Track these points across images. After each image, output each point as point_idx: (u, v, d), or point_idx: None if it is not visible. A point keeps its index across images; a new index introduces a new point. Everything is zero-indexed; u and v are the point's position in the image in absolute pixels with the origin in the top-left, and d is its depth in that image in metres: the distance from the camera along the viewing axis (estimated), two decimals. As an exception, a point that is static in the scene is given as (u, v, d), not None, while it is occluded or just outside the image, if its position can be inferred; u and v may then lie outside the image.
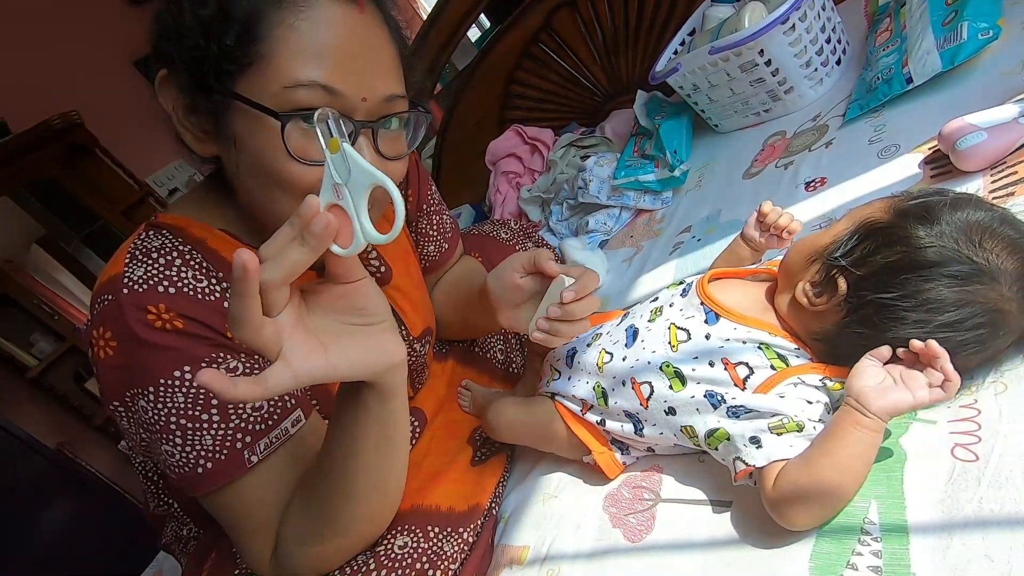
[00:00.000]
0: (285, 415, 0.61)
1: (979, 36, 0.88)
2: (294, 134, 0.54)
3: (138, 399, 0.57)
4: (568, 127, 1.69)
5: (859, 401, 0.52)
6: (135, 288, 0.57)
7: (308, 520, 0.60)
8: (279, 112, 0.53)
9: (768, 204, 0.74)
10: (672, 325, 0.68)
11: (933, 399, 0.50)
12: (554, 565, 0.69)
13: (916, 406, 0.51)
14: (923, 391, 0.51)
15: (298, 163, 0.55)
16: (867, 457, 0.52)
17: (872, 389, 0.52)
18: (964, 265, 0.51)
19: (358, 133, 0.56)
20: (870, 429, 0.51)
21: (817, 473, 0.52)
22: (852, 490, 0.53)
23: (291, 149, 0.54)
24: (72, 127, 2.25)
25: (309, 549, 0.60)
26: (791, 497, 0.53)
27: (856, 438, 0.52)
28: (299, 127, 0.54)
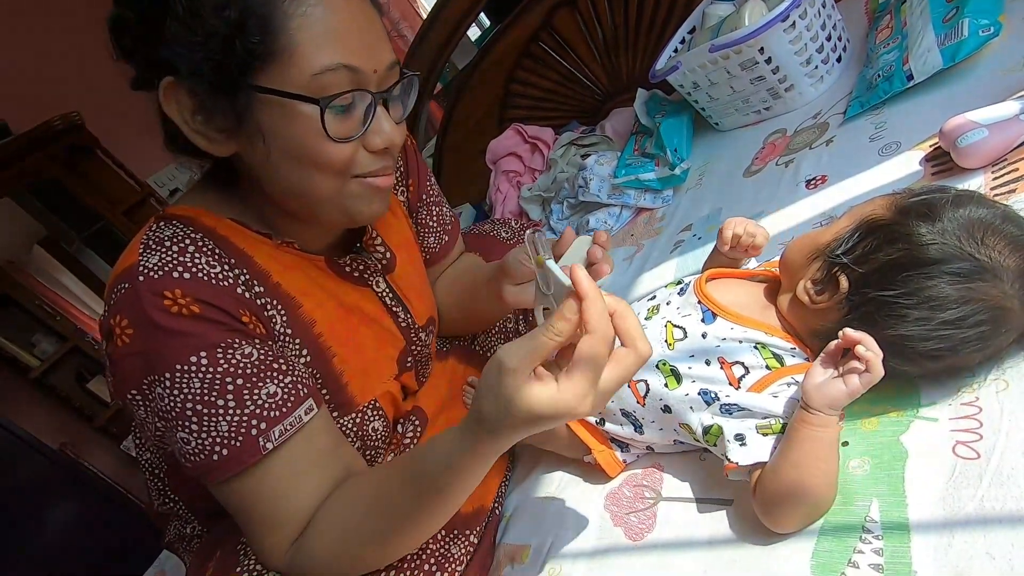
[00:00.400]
0: (298, 403, 0.61)
1: (980, 33, 0.88)
2: (328, 117, 0.57)
3: (155, 386, 0.57)
4: (568, 126, 1.69)
5: (804, 399, 0.53)
6: (151, 275, 0.57)
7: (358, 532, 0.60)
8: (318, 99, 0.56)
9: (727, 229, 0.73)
10: (669, 323, 0.68)
11: (864, 383, 0.51)
12: (555, 564, 0.69)
13: (852, 394, 0.52)
14: (853, 378, 0.52)
15: (335, 143, 0.58)
16: (822, 453, 0.53)
17: (815, 386, 0.53)
18: (966, 262, 0.51)
19: (376, 104, 0.60)
20: (817, 425, 0.52)
21: (782, 475, 0.53)
22: (820, 487, 0.53)
23: (331, 132, 0.57)
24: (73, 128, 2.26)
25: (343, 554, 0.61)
26: (769, 500, 0.55)
27: (805, 435, 0.53)
28: (332, 110, 0.57)
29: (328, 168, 0.60)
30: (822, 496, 0.54)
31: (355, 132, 0.59)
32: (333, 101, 0.56)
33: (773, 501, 0.54)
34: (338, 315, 0.72)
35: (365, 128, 0.60)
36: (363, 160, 0.62)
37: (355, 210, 0.65)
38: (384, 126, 0.61)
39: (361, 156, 0.61)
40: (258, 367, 0.59)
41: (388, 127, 0.61)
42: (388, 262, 0.78)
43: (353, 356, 0.72)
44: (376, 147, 0.61)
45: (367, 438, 0.74)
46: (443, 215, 0.93)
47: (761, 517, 0.56)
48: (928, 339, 0.52)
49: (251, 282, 0.64)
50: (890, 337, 0.54)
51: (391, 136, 0.61)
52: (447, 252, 0.95)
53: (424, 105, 1.78)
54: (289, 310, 0.67)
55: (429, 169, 0.93)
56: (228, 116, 0.57)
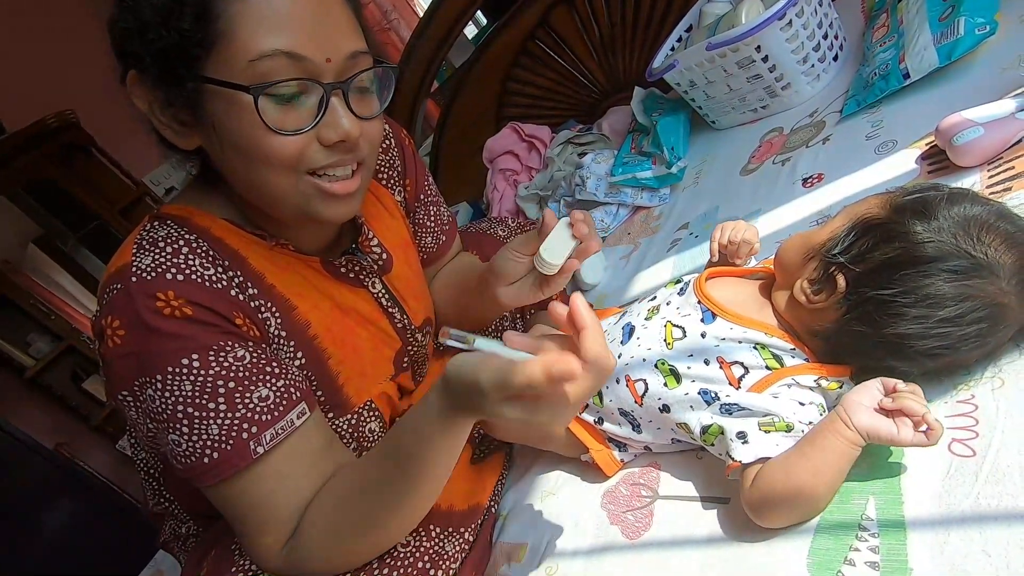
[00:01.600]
0: (291, 407, 0.61)
1: (976, 31, 0.88)
2: (268, 107, 0.55)
3: (146, 388, 0.57)
4: (565, 124, 1.69)
5: (847, 411, 0.52)
6: (144, 276, 0.57)
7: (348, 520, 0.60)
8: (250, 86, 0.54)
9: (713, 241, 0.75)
10: (668, 323, 0.68)
11: (914, 441, 0.50)
12: (552, 562, 0.69)
13: (895, 440, 0.50)
14: (907, 429, 0.50)
15: (277, 135, 0.55)
16: (839, 467, 0.53)
17: (863, 406, 0.52)
18: (963, 260, 0.51)
19: (329, 96, 0.56)
20: (848, 441, 0.52)
21: (793, 473, 0.53)
22: (822, 495, 0.53)
23: (268, 122, 0.55)
24: (68, 126, 2.25)
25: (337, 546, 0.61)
26: (766, 496, 0.54)
27: (833, 445, 0.52)
28: (272, 100, 0.55)
29: (274, 162, 0.57)
30: (820, 503, 0.54)
31: (304, 124, 0.56)
32: (270, 89, 0.54)
33: (771, 497, 0.54)
34: (333, 316, 0.71)
35: (316, 120, 0.57)
36: (315, 155, 0.58)
37: (311, 210, 0.62)
38: (340, 119, 0.57)
39: (313, 150, 0.58)
40: (250, 370, 0.59)
41: (345, 120, 0.58)
42: (384, 263, 0.77)
43: (349, 358, 0.72)
44: (329, 140, 0.58)
45: (363, 439, 0.74)
46: (440, 215, 0.93)
47: (749, 510, 0.56)
48: (927, 337, 0.52)
49: (245, 284, 0.64)
50: (889, 336, 0.54)
51: (347, 129, 0.58)
52: (444, 252, 0.95)
53: (421, 103, 1.78)
54: (283, 312, 0.66)
55: (427, 169, 0.93)
56: (184, 108, 0.57)
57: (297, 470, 0.61)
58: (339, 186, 0.61)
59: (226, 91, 0.54)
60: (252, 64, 0.53)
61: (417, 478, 0.58)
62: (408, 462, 0.57)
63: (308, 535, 0.60)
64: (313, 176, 0.59)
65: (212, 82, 0.54)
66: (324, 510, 0.61)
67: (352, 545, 0.62)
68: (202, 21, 0.53)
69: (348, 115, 0.58)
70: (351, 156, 0.61)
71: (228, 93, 0.54)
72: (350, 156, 0.61)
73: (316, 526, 0.60)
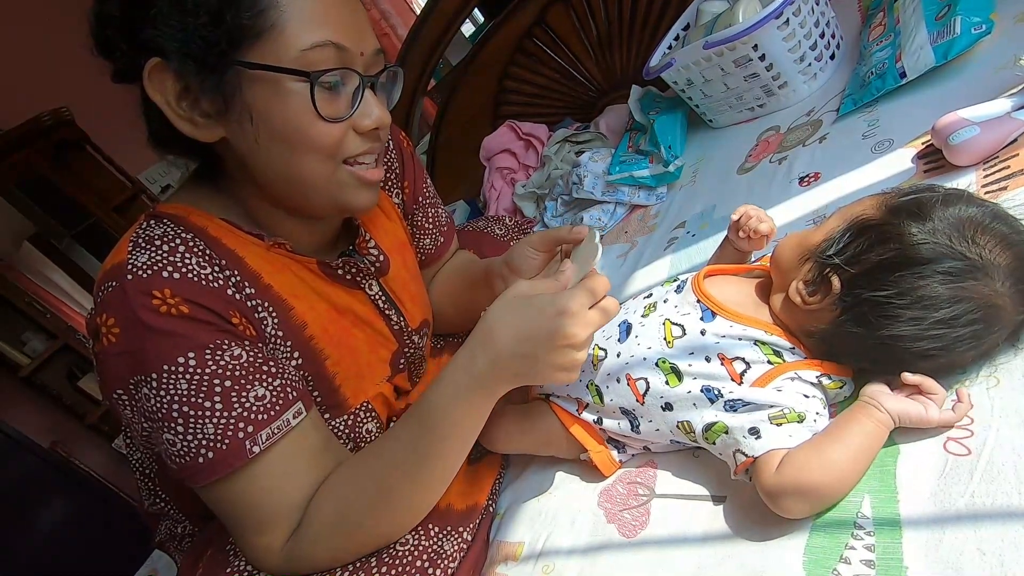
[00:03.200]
0: (287, 406, 0.60)
1: (972, 31, 0.88)
2: (318, 95, 0.57)
3: (141, 386, 0.57)
4: (562, 123, 1.68)
5: (875, 399, 0.54)
6: (139, 274, 0.57)
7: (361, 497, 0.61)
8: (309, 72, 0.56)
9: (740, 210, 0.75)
10: (667, 321, 0.68)
11: (943, 418, 0.52)
12: (549, 561, 0.69)
13: (924, 418, 0.52)
14: (934, 408, 0.52)
15: (325, 122, 0.58)
16: (872, 450, 0.53)
17: (885, 393, 0.54)
18: (958, 261, 0.51)
19: (364, 86, 0.60)
20: (881, 424, 0.53)
21: (829, 460, 0.52)
22: (853, 482, 0.53)
23: (320, 110, 0.58)
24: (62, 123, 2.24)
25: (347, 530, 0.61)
26: (798, 484, 0.52)
27: (868, 428, 0.53)
28: (320, 89, 0.57)
29: (318, 149, 0.60)
30: (847, 489, 0.53)
31: (344, 113, 0.60)
32: (322, 77, 0.57)
33: (800, 484, 0.52)
34: (330, 317, 0.71)
35: (354, 109, 0.60)
36: (352, 143, 0.62)
37: (344, 199, 0.65)
38: (373, 108, 0.61)
39: (350, 139, 0.62)
40: (247, 369, 0.58)
41: (376, 108, 0.62)
42: (382, 265, 0.77)
43: (346, 358, 0.72)
44: (365, 128, 0.62)
45: (360, 440, 0.74)
46: (439, 216, 0.93)
47: (771, 500, 0.54)
48: (921, 339, 0.52)
49: (242, 283, 0.63)
50: (884, 337, 0.54)
51: (381, 117, 0.62)
52: (442, 253, 0.95)
53: (418, 102, 1.78)
54: (280, 312, 0.66)
55: (425, 171, 0.93)
56: (215, 98, 0.57)
57: (295, 468, 0.61)
58: (372, 173, 0.65)
59: (273, 78, 0.56)
60: (304, 53, 0.56)
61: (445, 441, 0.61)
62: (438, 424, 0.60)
63: (315, 526, 0.60)
64: (348, 165, 0.63)
65: (265, 68, 0.56)
66: (333, 496, 0.61)
67: (360, 529, 0.62)
68: (255, 9, 0.54)
69: (379, 104, 0.62)
70: (379, 145, 0.65)
71: (275, 80, 0.56)
72: (379, 144, 0.65)
73: (324, 514, 0.60)
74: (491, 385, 0.59)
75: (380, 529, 0.64)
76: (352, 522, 0.61)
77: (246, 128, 0.58)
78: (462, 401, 0.60)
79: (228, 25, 0.54)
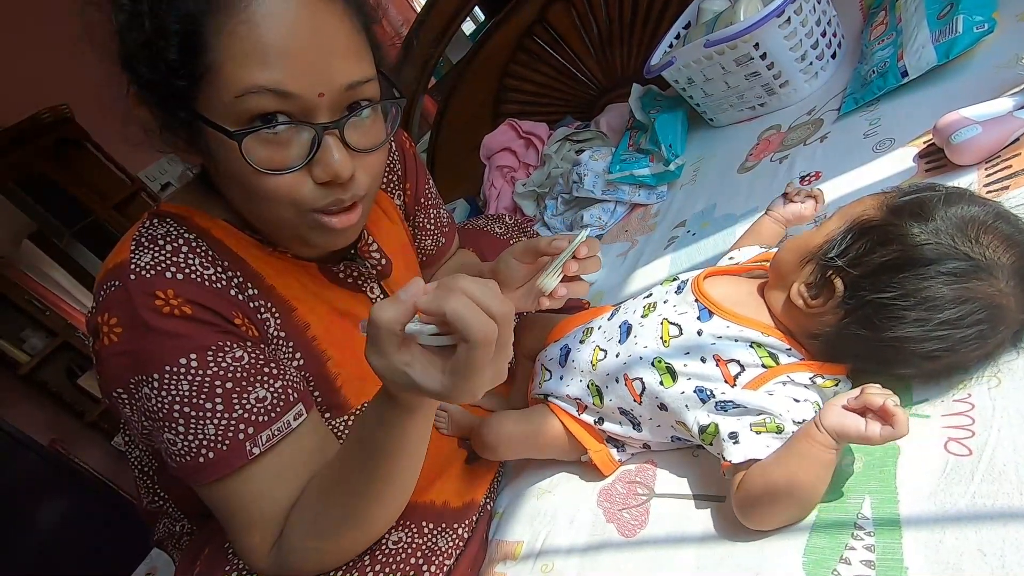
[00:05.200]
0: (288, 408, 0.60)
1: (974, 29, 0.87)
2: (256, 147, 0.52)
3: (142, 386, 0.56)
4: (563, 121, 1.68)
5: (820, 416, 0.52)
6: (143, 274, 0.56)
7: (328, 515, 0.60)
8: (234, 129, 0.51)
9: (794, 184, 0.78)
10: (665, 320, 0.68)
11: (882, 434, 0.48)
12: (548, 560, 0.69)
13: (863, 435, 0.49)
14: (875, 425, 0.49)
15: (268, 175, 0.53)
16: (814, 471, 0.52)
17: (834, 407, 0.51)
18: (961, 261, 0.51)
19: (321, 137, 0.53)
20: (820, 444, 0.51)
21: (770, 478, 0.53)
22: (802, 500, 0.53)
23: (254, 163, 0.52)
24: (62, 121, 2.24)
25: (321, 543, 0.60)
26: (749, 498, 0.54)
27: (805, 449, 0.52)
28: (260, 139, 0.52)
29: (270, 198, 0.55)
30: (803, 510, 0.54)
31: (295, 163, 0.54)
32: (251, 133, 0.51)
33: (754, 500, 0.54)
34: (331, 319, 0.71)
35: (309, 159, 0.54)
36: (310, 193, 0.56)
37: (312, 241, 0.61)
38: (331, 158, 0.54)
39: (308, 189, 0.55)
40: (248, 371, 0.58)
41: (337, 157, 0.54)
42: (383, 268, 0.77)
43: (348, 360, 0.71)
44: (320, 179, 0.55)
45: None
46: (440, 217, 0.92)
47: (738, 512, 0.56)
48: (926, 340, 0.52)
49: (245, 284, 0.63)
50: (888, 339, 0.54)
51: (336, 169, 0.54)
52: (444, 254, 0.94)
53: (418, 100, 1.77)
54: (283, 313, 0.66)
55: (427, 171, 0.93)
56: (182, 131, 0.56)
57: (290, 471, 0.61)
58: (338, 220, 0.59)
59: None
60: (237, 100, 0.50)
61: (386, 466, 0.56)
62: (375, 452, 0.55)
63: (293, 534, 0.60)
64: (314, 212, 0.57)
65: (200, 119, 0.52)
66: (305, 508, 0.60)
67: (337, 540, 0.61)
68: (188, 52, 0.50)
69: (342, 153, 0.55)
70: (348, 195, 0.58)
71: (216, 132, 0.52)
72: (348, 194, 0.58)
73: (300, 524, 0.60)
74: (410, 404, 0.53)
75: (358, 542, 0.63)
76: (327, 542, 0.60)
77: (211, 166, 0.58)
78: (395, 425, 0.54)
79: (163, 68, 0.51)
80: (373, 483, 0.57)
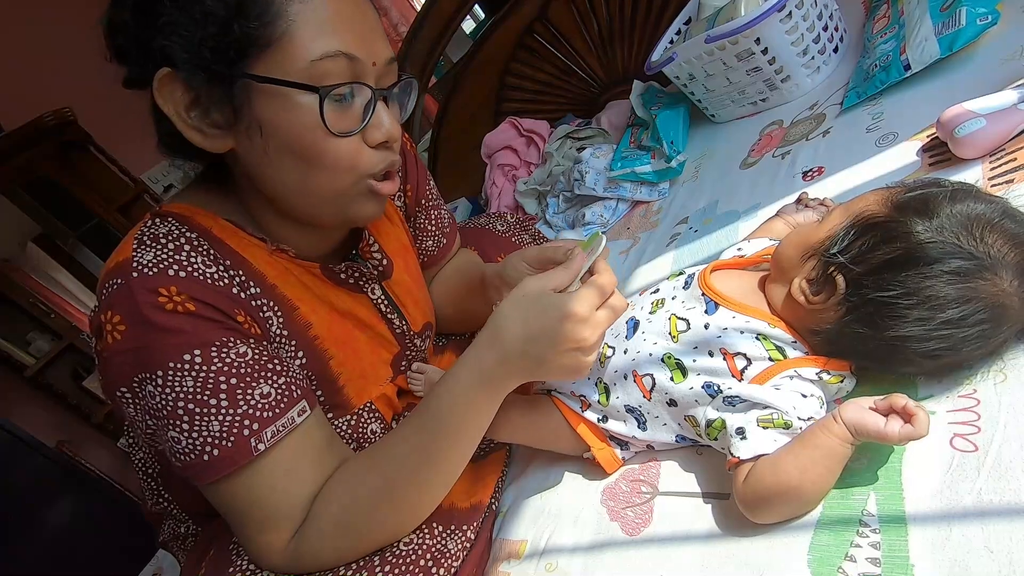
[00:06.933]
0: (292, 404, 0.60)
1: (978, 21, 0.87)
2: (328, 109, 0.56)
3: (146, 384, 0.56)
4: (564, 119, 1.68)
5: (839, 408, 0.52)
6: (145, 271, 0.56)
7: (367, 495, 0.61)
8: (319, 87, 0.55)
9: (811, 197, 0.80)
10: (673, 316, 0.67)
11: (902, 433, 0.48)
12: (552, 559, 0.69)
13: (881, 432, 0.49)
14: (895, 422, 0.49)
15: (335, 137, 0.57)
16: (827, 465, 0.52)
17: (854, 404, 0.51)
18: (965, 260, 0.50)
19: (376, 99, 0.59)
20: (837, 438, 0.51)
21: (781, 470, 0.53)
22: (811, 493, 0.53)
23: (330, 125, 0.56)
24: (65, 124, 2.24)
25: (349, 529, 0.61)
26: (756, 492, 0.54)
27: (822, 441, 0.52)
28: (330, 102, 0.56)
29: (329, 164, 0.58)
30: (809, 502, 0.54)
31: (355, 126, 0.58)
32: (333, 91, 0.55)
33: (762, 494, 0.54)
34: (333, 319, 0.71)
35: (365, 122, 0.59)
36: (366, 157, 0.60)
37: (353, 211, 0.64)
38: (384, 120, 0.60)
39: (364, 153, 0.60)
40: (252, 367, 0.58)
41: (388, 120, 0.60)
42: (385, 269, 0.77)
43: (350, 359, 0.72)
44: (375, 141, 0.60)
45: (364, 440, 0.74)
46: (441, 218, 0.92)
47: (741, 506, 0.56)
48: (928, 339, 0.52)
49: (247, 283, 0.63)
50: (890, 338, 0.53)
51: (391, 131, 0.60)
52: (445, 255, 0.94)
53: (419, 99, 1.77)
54: (286, 312, 0.66)
55: (428, 172, 0.93)
56: (225, 109, 0.56)
57: (300, 466, 0.61)
58: (386, 186, 0.64)
59: (282, 91, 0.55)
60: (313, 64, 0.54)
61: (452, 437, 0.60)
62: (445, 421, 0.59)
63: (319, 524, 0.60)
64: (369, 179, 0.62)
65: (273, 82, 0.54)
66: (339, 496, 0.61)
67: (368, 528, 0.62)
68: (266, 19, 0.53)
69: (390, 116, 0.60)
70: (395, 158, 0.63)
71: (285, 94, 0.55)
72: (395, 158, 0.63)
73: (329, 514, 0.60)
74: (498, 382, 0.59)
75: (386, 528, 0.64)
76: (358, 522, 0.61)
77: (255, 140, 0.58)
78: (470, 398, 0.60)
79: (236, 35, 0.53)
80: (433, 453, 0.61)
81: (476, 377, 0.59)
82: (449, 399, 0.60)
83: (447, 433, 0.60)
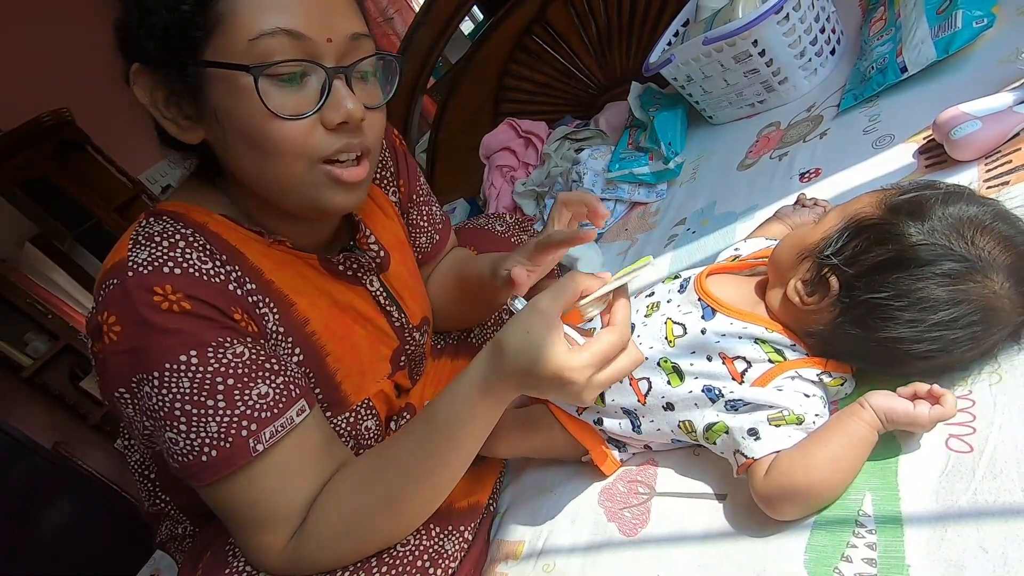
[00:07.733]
0: (290, 404, 0.60)
1: (974, 24, 0.87)
2: (271, 90, 0.54)
3: (143, 384, 0.56)
4: (562, 120, 1.68)
5: (866, 397, 0.53)
6: (140, 270, 0.56)
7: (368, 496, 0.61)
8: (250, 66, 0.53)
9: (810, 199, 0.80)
10: (669, 320, 0.67)
11: (932, 415, 0.49)
12: (549, 559, 0.69)
13: (911, 416, 0.50)
14: (924, 406, 0.50)
15: (282, 120, 0.55)
16: (858, 451, 0.53)
17: (881, 392, 0.53)
18: (956, 263, 0.51)
19: (331, 79, 0.56)
20: (865, 422, 0.52)
21: (813, 462, 0.52)
22: (841, 483, 0.53)
23: (270, 106, 0.54)
24: (63, 124, 2.24)
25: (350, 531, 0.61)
26: (784, 488, 0.53)
27: (852, 428, 0.52)
28: (275, 83, 0.55)
29: (281, 149, 0.57)
30: (837, 492, 0.53)
31: (307, 108, 0.56)
32: (271, 70, 0.53)
33: (788, 487, 0.53)
34: (331, 314, 0.71)
35: (321, 103, 0.56)
36: (322, 140, 0.58)
37: (320, 201, 0.62)
38: (343, 101, 0.57)
39: (319, 136, 0.57)
40: (249, 367, 0.58)
41: (348, 101, 0.57)
42: (382, 260, 0.77)
43: (347, 355, 0.71)
44: (332, 123, 0.57)
45: (360, 437, 0.73)
46: (433, 214, 0.93)
47: (762, 503, 0.54)
48: (920, 341, 0.52)
49: (243, 279, 0.63)
50: (882, 339, 0.53)
51: (350, 111, 0.57)
52: (439, 251, 0.94)
53: (417, 100, 1.77)
54: (282, 308, 0.66)
55: (419, 169, 0.93)
56: (188, 99, 0.56)
57: (299, 466, 0.61)
58: (348, 173, 0.61)
59: (228, 75, 0.54)
60: (252, 44, 0.53)
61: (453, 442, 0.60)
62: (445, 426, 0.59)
63: (320, 529, 0.60)
64: (325, 164, 0.60)
65: (212, 65, 0.54)
66: (339, 501, 0.61)
67: (368, 533, 0.62)
68: (202, 2, 0.52)
69: (351, 96, 0.57)
70: (357, 141, 0.60)
71: (230, 77, 0.54)
72: (356, 141, 0.60)
73: (330, 511, 0.60)
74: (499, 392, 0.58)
75: (386, 533, 0.63)
76: (358, 530, 0.61)
77: (216, 129, 0.57)
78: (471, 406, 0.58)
79: (181, 19, 0.53)
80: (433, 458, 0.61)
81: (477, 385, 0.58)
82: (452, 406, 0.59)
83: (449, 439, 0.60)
